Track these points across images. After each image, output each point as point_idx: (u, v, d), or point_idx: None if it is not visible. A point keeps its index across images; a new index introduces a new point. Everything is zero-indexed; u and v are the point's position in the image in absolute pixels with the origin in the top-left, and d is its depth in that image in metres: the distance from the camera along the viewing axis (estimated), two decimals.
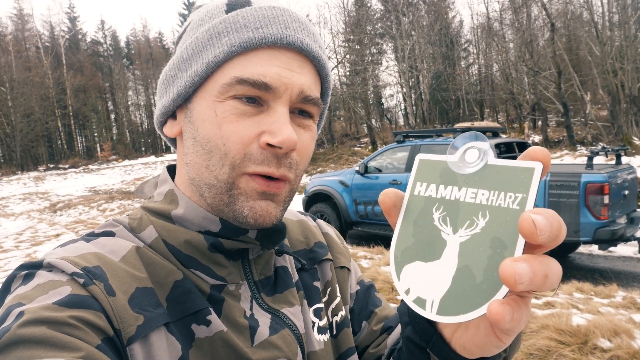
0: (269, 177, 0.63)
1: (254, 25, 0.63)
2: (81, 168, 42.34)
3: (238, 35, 0.63)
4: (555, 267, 0.39)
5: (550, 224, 0.38)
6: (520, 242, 0.40)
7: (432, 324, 0.55)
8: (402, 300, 0.56)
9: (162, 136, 0.76)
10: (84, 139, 58.44)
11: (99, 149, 55.62)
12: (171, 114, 0.72)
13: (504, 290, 0.39)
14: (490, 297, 0.40)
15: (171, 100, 0.68)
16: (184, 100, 0.68)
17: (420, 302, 0.44)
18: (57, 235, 11.57)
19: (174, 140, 0.75)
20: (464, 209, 0.44)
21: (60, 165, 45.14)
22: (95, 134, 58.15)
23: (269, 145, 0.61)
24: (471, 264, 0.42)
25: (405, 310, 0.56)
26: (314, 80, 0.67)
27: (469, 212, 0.44)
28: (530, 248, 0.41)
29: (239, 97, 0.62)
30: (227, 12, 0.66)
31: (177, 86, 0.67)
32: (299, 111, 0.67)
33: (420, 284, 0.44)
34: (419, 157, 0.48)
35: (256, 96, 0.62)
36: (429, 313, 0.43)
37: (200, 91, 0.65)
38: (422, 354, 0.54)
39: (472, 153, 0.46)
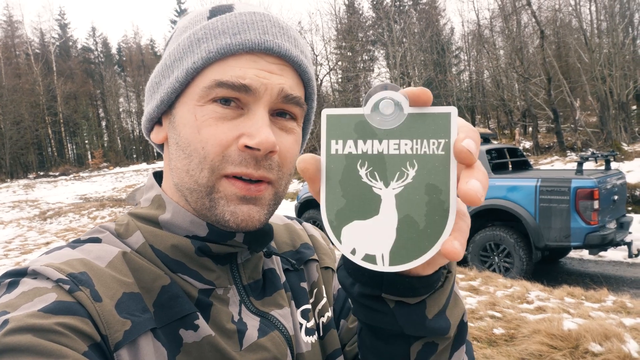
0: (249, 181, 0.63)
1: (232, 31, 0.63)
2: (72, 175, 42.00)
3: (216, 41, 0.63)
4: (483, 170, 0.44)
5: (475, 141, 0.42)
6: (453, 183, 0.43)
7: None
8: (338, 270, 0.56)
9: (150, 142, 0.77)
10: (74, 146, 58.05)
11: (89, 156, 55.26)
12: (157, 120, 0.72)
13: (449, 228, 0.43)
14: (438, 238, 0.43)
15: (155, 107, 0.69)
16: (167, 107, 0.68)
17: (370, 258, 0.44)
18: (47, 243, 11.46)
19: (161, 146, 0.75)
20: (390, 161, 0.44)
21: (51, 173, 44.76)
22: (86, 141, 57.79)
23: (247, 147, 0.61)
24: (411, 212, 0.43)
25: (345, 274, 0.55)
26: (296, 83, 0.67)
27: (396, 164, 0.44)
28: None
29: (218, 99, 0.62)
30: (209, 18, 0.66)
31: (160, 93, 0.68)
32: (282, 114, 0.67)
33: (364, 241, 0.44)
34: (326, 112, 0.46)
35: (236, 98, 0.63)
36: (382, 266, 0.44)
37: (182, 97, 0.66)
38: (377, 303, 0.53)
39: (387, 104, 0.44)
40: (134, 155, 57.83)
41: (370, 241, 0.44)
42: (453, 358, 0.60)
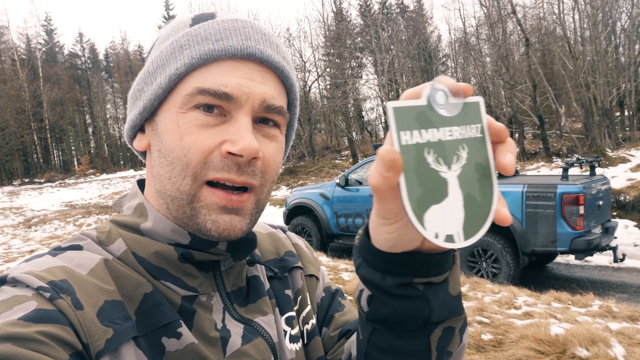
0: (231, 189, 0.63)
1: (214, 37, 0.64)
2: (57, 182, 41.51)
3: (199, 47, 0.63)
4: (512, 142, 0.51)
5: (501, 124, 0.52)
6: (491, 158, 0.51)
7: (409, 259, 0.54)
8: (359, 268, 0.58)
9: (132, 150, 0.76)
10: (60, 153, 57.36)
11: (76, 163, 54.64)
12: (140, 128, 0.72)
13: (496, 198, 0.50)
14: (490, 207, 0.50)
15: (138, 114, 0.69)
16: (150, 114, 0.68)
17: (450, 238, 0.48)
18: (31, 251, 11.27)
19: (144, 154, 0.75)
20: (448, 146, 0.49)
21: (36, 180, 44.19)
22: (73, 148, 57.15)
23: (230, 153, 0.61)
24: (470, 190, 0.50)
25: (371, 271, 0.56)
26: (278, 90, 0.67)
27: (452, 148, 0.49)
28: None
29: (201, 106, 0.62)
30: (191, 25, 0.67)
31: (143, 100, 0.68)
32: (265, 120, 0.67)
33: (442, 224, 0.48)
34: (391, 105, 0.48)
35: (218, 105, 0.63)
36: (460, 243, 0.49)
37: (165, 104, 0.66)
38: (408, 289, 0.55)
39: (441, 95, 0.50)
40: (121, 162, 57.26)
41: (446, 222, 0.48)
42: (463, 340, 0.63)
